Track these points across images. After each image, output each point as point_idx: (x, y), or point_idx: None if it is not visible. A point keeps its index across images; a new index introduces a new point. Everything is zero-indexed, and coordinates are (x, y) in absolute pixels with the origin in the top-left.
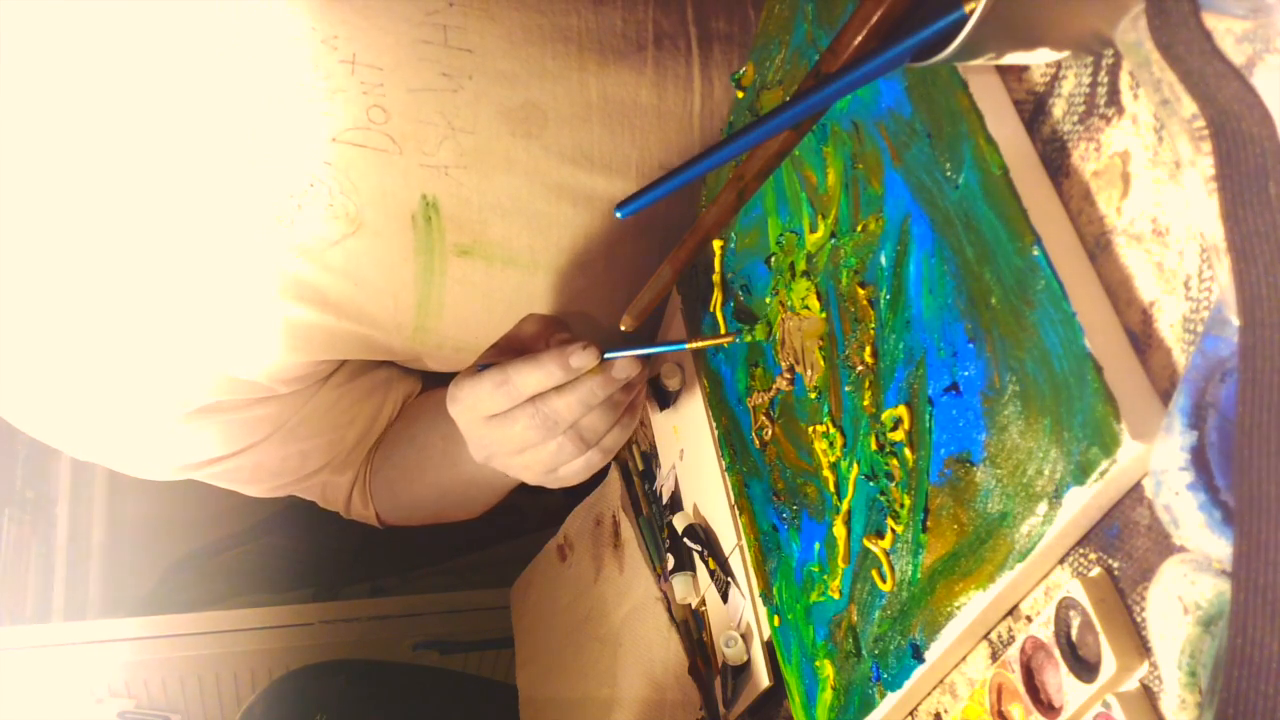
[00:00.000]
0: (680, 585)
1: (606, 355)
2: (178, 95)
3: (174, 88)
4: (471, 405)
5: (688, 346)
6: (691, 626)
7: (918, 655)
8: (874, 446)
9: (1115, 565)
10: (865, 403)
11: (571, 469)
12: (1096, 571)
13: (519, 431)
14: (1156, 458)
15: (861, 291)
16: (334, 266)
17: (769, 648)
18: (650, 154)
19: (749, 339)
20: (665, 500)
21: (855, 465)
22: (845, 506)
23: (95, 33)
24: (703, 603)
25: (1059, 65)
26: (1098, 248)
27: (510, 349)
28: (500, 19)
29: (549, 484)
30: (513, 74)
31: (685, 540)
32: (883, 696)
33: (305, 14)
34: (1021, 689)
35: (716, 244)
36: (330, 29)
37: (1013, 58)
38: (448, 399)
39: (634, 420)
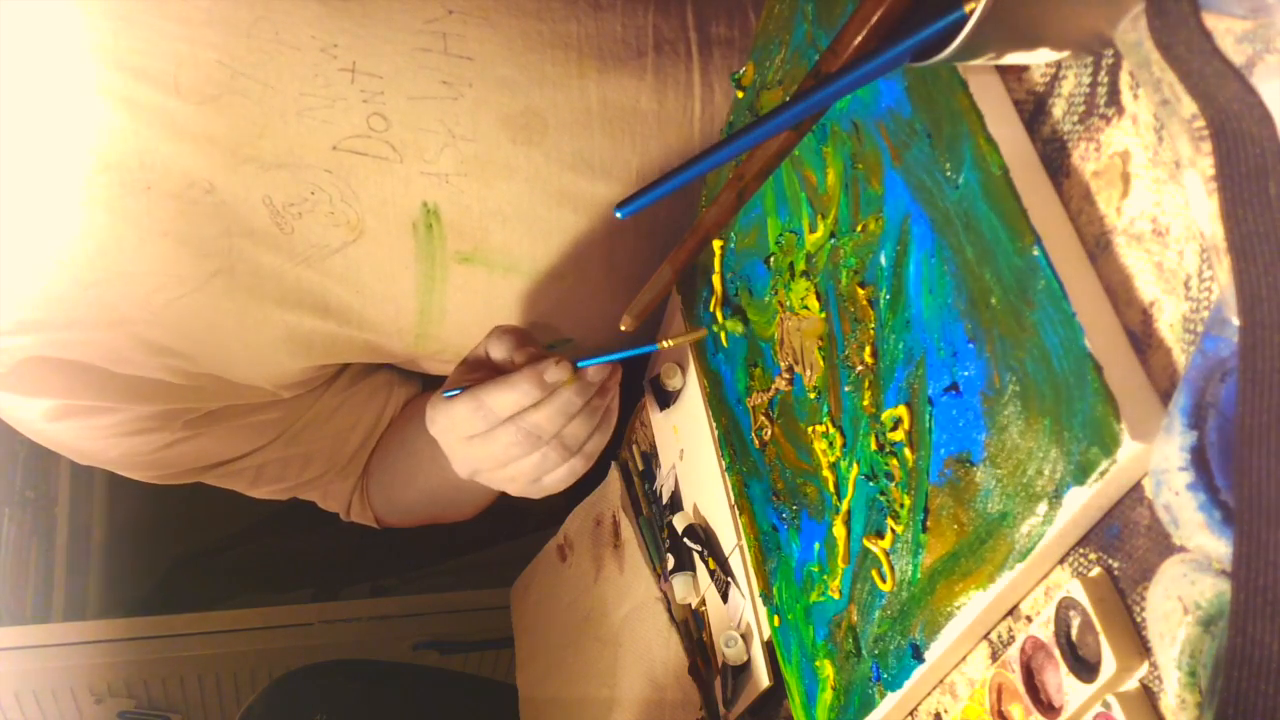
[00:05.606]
0: (680, 585)
1: (579, 364)
2: (177, 102)
3: (174, 95)
4: (449, 428)
5: (660, 347)
6: (691, 626)
7: (918, 655)
8: (874, 446)
9: (1115, 565)
10: (865, 403)
11: (555, 477)
12: (1096, 571)
13: (501, 448)
14: (1156, 458)
15: (861, 291)
16: (335, 274)
17: (769, 648)
18: (651, 159)
19: (718, 329)
20: (665, 500)
21: (855, 465)
22: (845, 506)
23: (100, 37)
24: (703, 603)
25: (1059, 65)
26: (1098, 248)
27: (479, 366)
28: (500, 26)
29: (533, 494)
30: (513, 81)
31: (685, 540)
32: (883, 696)
33: (305, 23)
34: (1021, 689)
35: (716, 244)
36: (330, 38)
37: (1013, 58)
38: (426, 421)
39: (612, 422)
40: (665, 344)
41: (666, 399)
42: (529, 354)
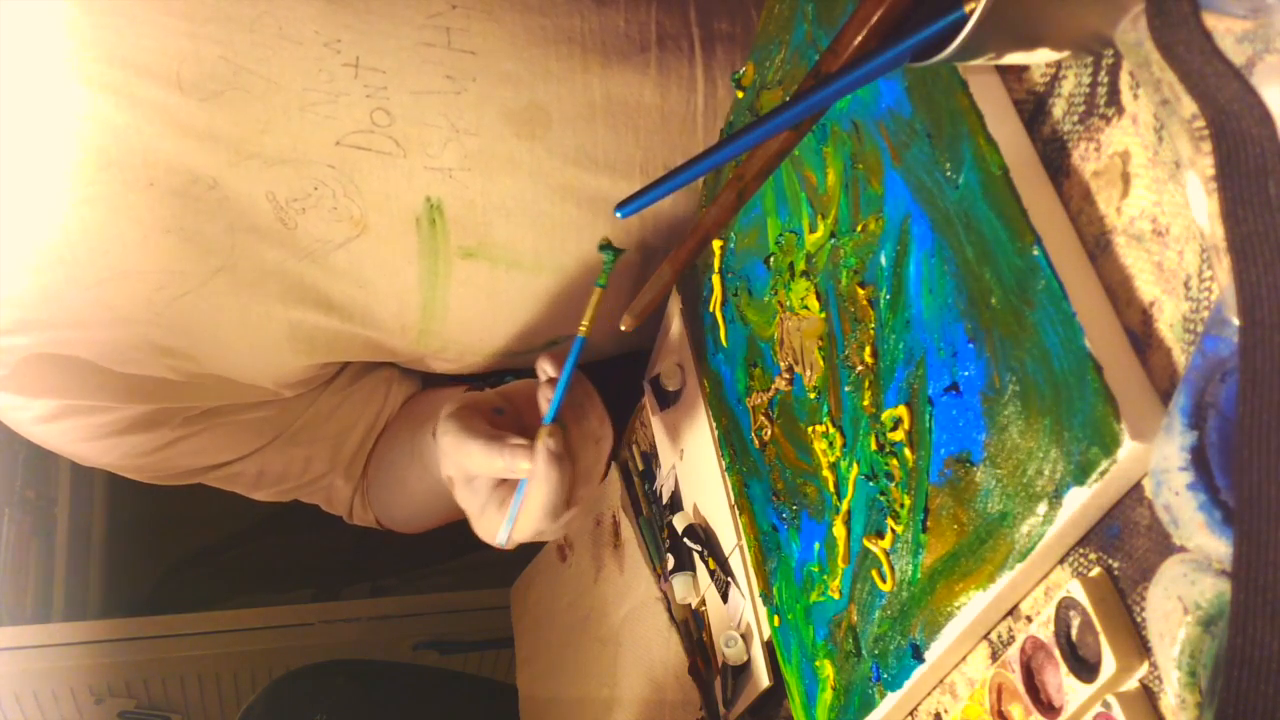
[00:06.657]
0: (680, 585)
1: (547, 420)
2: (180, 98)
3: (176, 91)
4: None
5: (583, 332)
6: (691, 626)
7: (918, 655)
8: (874, 446)
9: (1115, 565)
10: (865, 403)
11: (590, 487)
12: (1096, 571)
13: (565, 523)
14: (1156, 458)
15: (861, 291)
16: (338, 270)
17: (769, 648)
18: (654, 154)
19: (609, 261)
20: (665, 500)
21: (855, 465)
22: (845, 506)
23: (102, 34)
24: (703, 603)
25: (1059, 65)
26: (1098, 248)
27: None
28: (503, 21)
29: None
30: (516, 76)
31: (685, 540)
32: (883, 696)
33: (308, 18)
34: (1021, 689)
35: (716, 244)
36: (333, 33)
37: (1013, 58)
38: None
39: (588, 404)
40: (583, 327)
41: (666, 399)
42: (513, 448)
